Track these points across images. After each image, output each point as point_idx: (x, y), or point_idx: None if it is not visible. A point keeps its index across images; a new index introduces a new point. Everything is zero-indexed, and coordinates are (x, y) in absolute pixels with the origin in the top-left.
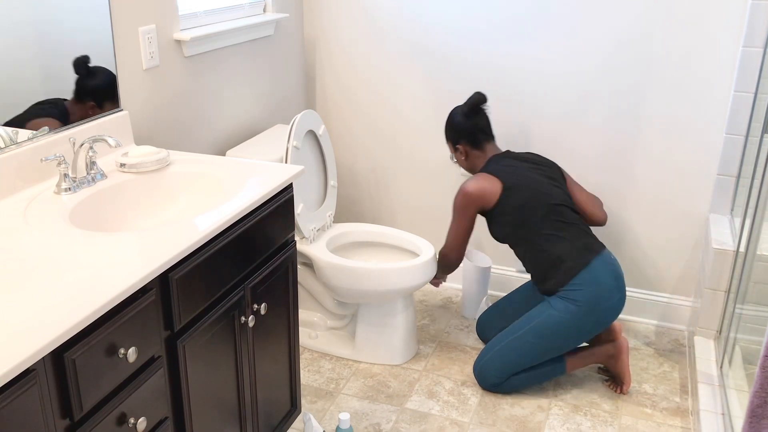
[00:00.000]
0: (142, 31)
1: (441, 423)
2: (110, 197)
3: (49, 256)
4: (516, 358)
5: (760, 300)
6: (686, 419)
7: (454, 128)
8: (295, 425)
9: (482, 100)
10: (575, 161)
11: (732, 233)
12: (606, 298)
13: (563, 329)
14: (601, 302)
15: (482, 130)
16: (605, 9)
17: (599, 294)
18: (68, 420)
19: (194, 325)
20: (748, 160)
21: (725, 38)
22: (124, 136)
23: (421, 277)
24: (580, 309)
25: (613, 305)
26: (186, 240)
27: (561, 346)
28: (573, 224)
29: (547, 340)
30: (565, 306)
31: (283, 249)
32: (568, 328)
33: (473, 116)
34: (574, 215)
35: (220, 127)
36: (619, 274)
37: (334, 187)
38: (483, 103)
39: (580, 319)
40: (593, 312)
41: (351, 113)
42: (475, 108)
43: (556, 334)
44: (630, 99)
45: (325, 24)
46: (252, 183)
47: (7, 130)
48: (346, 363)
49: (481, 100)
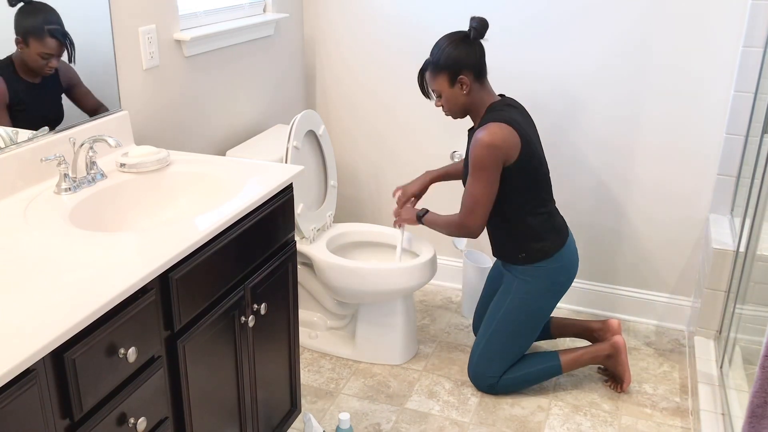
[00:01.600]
0: (142, 31)
1: (441, 423)
2: (110, 197)
3: (49, 256)
4: (502, 352)
5: (760, 300)
6: (686, 419)
7: (458, 55)
8: (295, 425)
9: (488, 25)
10: (575, 161)
11: (732, 233)
12: (569, 275)
13: (531, 307)
14: (564, 278)
15: (485, 62)
16: (605, 10)
17: (569, 271)
18: (68, 420)
19: (194, 325)
20: (748, 160)
21: (725, 38)
22: (124, 136)
23: (421, 277)
24: (541, 284)
25: (572, 277)
26: (186, 240)
27: (535, 323)
28: (552, 199)
29: (522, 323)
30: (524, 283)
31: (283, 249)
32: (536, 304)
33: (477, 41)
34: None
35: (220, 127)
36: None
37: (334, 187)
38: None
39: (542, 293)
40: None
41: (351, 113)
42: (485, 31)
43: (527, 313)
44: (630, 99)
45: (325, 24)
46: (252, 183)
47: (7, 130)
48: (346, 363)
49: (485, 23)
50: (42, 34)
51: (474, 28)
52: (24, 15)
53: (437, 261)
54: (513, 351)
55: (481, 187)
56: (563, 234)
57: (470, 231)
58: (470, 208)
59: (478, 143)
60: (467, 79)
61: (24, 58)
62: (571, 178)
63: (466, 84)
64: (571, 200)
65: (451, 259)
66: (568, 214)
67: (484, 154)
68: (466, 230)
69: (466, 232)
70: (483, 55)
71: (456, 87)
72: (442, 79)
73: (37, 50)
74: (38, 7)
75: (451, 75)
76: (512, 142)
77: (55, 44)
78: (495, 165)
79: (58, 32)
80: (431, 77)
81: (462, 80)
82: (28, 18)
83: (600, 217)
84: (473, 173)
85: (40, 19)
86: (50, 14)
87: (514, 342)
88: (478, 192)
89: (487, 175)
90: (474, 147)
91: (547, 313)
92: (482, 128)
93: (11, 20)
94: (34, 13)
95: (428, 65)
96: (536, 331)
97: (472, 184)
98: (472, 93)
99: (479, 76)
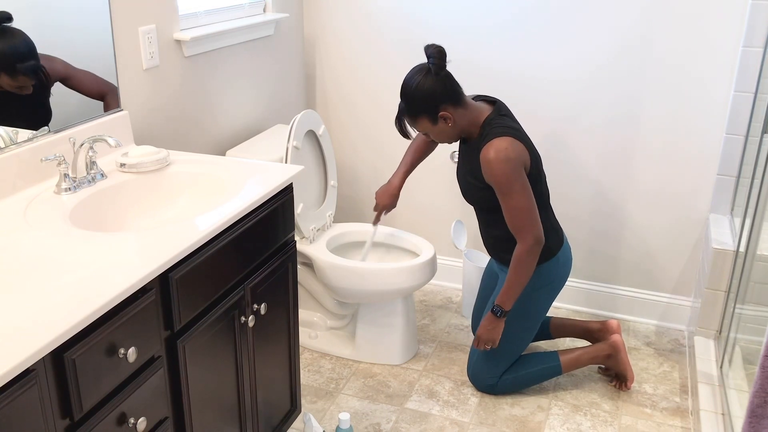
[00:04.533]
0: (142, 31)
1: (441, 423)
2: (110, 197)
3: (49, 256)
4: (501, 352)
5: (760, 300)
6: (686, 419)
7: (429, 93)
8: (295, 425)
9: (443, 51)
10: (575, 161)
11: (732, 233)
12: (565, 273)
13: (529, 307)
14: (561, 276)
15: (457, 84)
16: (605, 10)
17: (565, 269)
18: (68, 420)
19: (194, 325)
20: (748, 160)
21: (725, 38)
22: (124, 136)
23: (421, 277)
24: (539, 284)
25: (568, 274)
26: (186, 240)
27: (532, 323)
28: (549, 200)
29: (518, 322)
30: None
31: (283, 249)
32: (533, 304)
33: (443, 71)
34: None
35: (220, 127)
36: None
37: (334, 187)
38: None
39: (540, 293)
40: (552, 284)
41: (351, 113)
42: (445, 59)
43: (525, 313)
44: (630, 99)
45: (325, 24)
46: (252, 183)
47: (7, 130)
48: (346, 363)
49: (443, 51)
50: (13, 71)
51: (433, 62)
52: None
53: (437, 261)
54: (512, 351)
55: (520, 198)
56: (560, 233)
57: (539, 242)
58: (523, 223)
59: (492, 163)
60: (448, 112)
61: None
62: (571, 178)
63: (449, 117)
64: (571, 200)
65: (451, 259)
66: (568, 214)
67: (505, 169)
68: (535, 247)
69: (538, 248)
70: (452, 81)
71: (440, 123)
72: (423, 121)
73: (8, 83)
74: (10, 33)
75: (430, 115)
76: (522, 151)
77: (27, 80)
78: (520, 173)
79: (31, 69)
80: (412, 123)
81: (444, 115)
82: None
83: (600, 217)
84: (503, 191)
85: (9, 51)
86: (20, 45)
87: (512, 342)
88: (520, 205)
89: (518, 186)
90: (490, 168)
91: (544, 312)
92: (489, 146)
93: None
94: (4, 41)
95: (403, 113)
96: (534, 330)
97: (509, 201)
98: (457, 121)
99: (458, 103)
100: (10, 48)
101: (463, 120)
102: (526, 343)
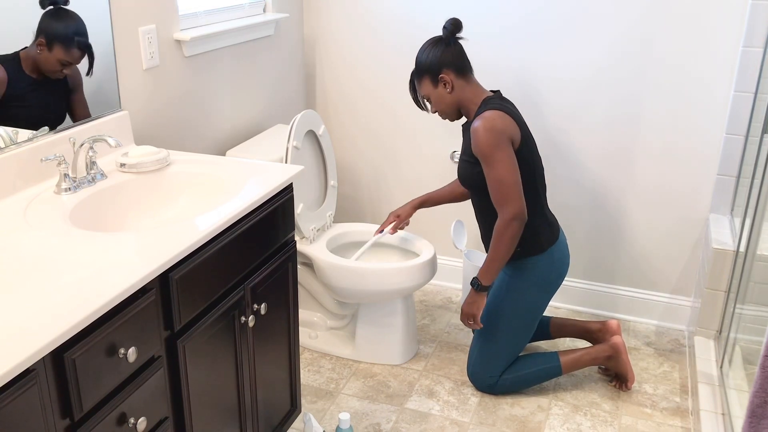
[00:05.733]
0: (142, 31)
1: (441, 423)
2: (110, 197)
3: (49, 256)
4: (499, 351)
5: (760, 300)
6: (686, 419)
7: (435, 56)
8: (295, 425)
9: (461, 24)
10: (575, 161)
11: (732, 233)
12: (560, 272)
13: (524, 303)
14: (556, 275)
15: (466, 58)
16: (606, 10)
17: (560, 268)
18: (68, 420)
19: (194, 325)
20: (748, 160)
21: (725, 38)
22: (124, 136)
23: (421, 277)
24: (532, 279)
25: (564, 274)
26: (186, 240)
27: (529, 320)
28: (545, 195)
29: (513, 318)
30: (516, 279)
31: (283, 249)
32: (528, 300)
33: (454, 42)
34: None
35: (220, 127)
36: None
37: (334, 187)
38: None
39: (534, 289)
40: (545, 281)
41: (351, 113)
42: (457, 31)
43: (521, 311)
44: (630, 99)
45: (325, 24)
46: (252, 183)
47: (7, 130)
48: (346, 363)
49: (457, 22)
50: (70, 43)
51: (445, 28)
52: (53, 19)
53: (437, 261)
54: (510, 349)
55: (502, 168)
56: (555, 229)
57: (519, 218)
58: (503, 195)
59: (478, 131)
60: (448, 77)
61: (39, 60)
62: (571, 178)
63: (448, 82)
64: (571, 200)
65: (451, 259)
66: (568, 214)
67: (489, 137)
68: (514, 223)
69: (518, 224)
70: (461, 51)
71: (440, 86)
72: (425, 82)
73: (59, 56)
74: (69, 14)
75: (432, 76)
76: (512, 126)
77: (79, 55)
78: (505, 143)
79: (84, 44)
80: (417, 84)
81: (443, 79)
82: (57, 23)
83: (600, 217)
84: (486, 161)
85: (71, 28)
86: (80, 24)
87: (510, 340)
88: (501, 175)
89: (501, 155)
90: (476, 136)
91: (540, 310)
92: (477, 117)
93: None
94: (64, 20)
95: (413, 75)
96: (531, 329)
97: (492, 172)
98: (457, 90)
99: (461, 72)
100: (68, 25)
101: (463, 91)
102: (524, 341)
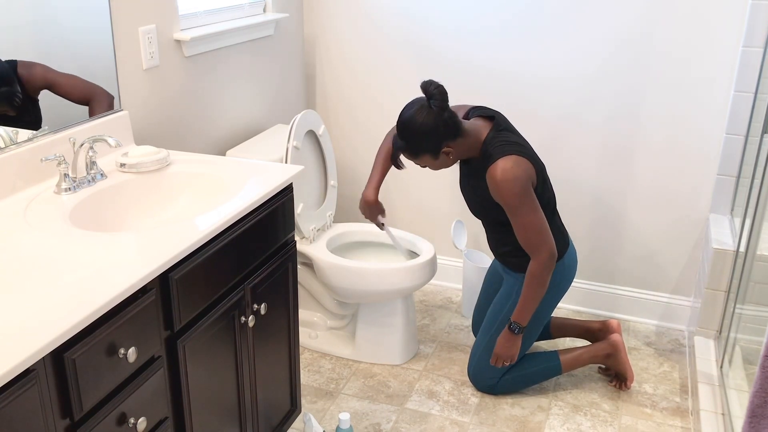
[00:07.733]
0: (142, 31)
1: (441, 423)
2: (110, 197)
3: (49, 256)
4: None
5: (760, 300)
6: (686, 419)
7: (431, 133)
8: (295, 425)
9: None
10: (575, 162)
11: (732, 233)
12: (570, 277)
13: None
14: (567, 280)
15: (456, 117)
16: (606, 9)
17: (570, 273)
18: (68, 420)
19: (194, 325)
20: (748, 160)
21: (725, 38)
22: (124, 136)
23: (421, 277)
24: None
25: (572, 278)
26: (186, 240)
27: (536, 325)
28: (555, 205)
29: None
30: None
31: (283, 249)
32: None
33: (445, 108)
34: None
35: (220, 127)
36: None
37: (334, 187)
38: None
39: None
40: (556, 288)
41: (351, 113)
42: (446, 100)
43: None
44: (630, 99)
45: (325, 24)
46: (252, 183)
47: (7, 130)
48: (346, 363)
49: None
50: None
51: (435, 104)
52: None
53: (437, 261)
54: None
55: (530, 216)
56: (566, 235)
57: (551, 258)
58: (535, 240)
59: (501, 183)
60: (450, 147)
61: None
62: (570, 178)
63: (451, 151)
64: (571, 200)
65: (451, 259)
66: (568, 214)
67: (513, 188)
68: (549, 262)
69: (552, 261)
70: (453, 116)
71: (442, 156)
72: (425, 158)
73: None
74: None
75: (433, 153)
76: (529, 168)
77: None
78: (528, 191)
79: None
80: (412, 159)
81: (447, 151)
82: None
83: (600, 217)
84: (512, 211)
85: None
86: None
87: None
88: (530, 223)
89: (527, 204)
90: (498, 188)
91: (548, 314)
92: (494, 167)
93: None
94: None
95: (402, 149)
96: (537, 332)
97: (518, 219)
98: (457, 150)
99: (458, 134)
100: None
101: (463, 147)
102: (527, 346)
